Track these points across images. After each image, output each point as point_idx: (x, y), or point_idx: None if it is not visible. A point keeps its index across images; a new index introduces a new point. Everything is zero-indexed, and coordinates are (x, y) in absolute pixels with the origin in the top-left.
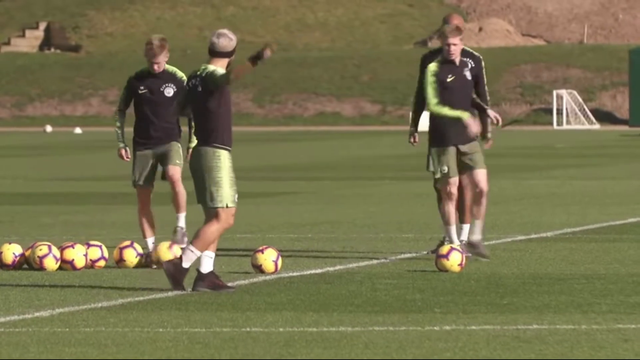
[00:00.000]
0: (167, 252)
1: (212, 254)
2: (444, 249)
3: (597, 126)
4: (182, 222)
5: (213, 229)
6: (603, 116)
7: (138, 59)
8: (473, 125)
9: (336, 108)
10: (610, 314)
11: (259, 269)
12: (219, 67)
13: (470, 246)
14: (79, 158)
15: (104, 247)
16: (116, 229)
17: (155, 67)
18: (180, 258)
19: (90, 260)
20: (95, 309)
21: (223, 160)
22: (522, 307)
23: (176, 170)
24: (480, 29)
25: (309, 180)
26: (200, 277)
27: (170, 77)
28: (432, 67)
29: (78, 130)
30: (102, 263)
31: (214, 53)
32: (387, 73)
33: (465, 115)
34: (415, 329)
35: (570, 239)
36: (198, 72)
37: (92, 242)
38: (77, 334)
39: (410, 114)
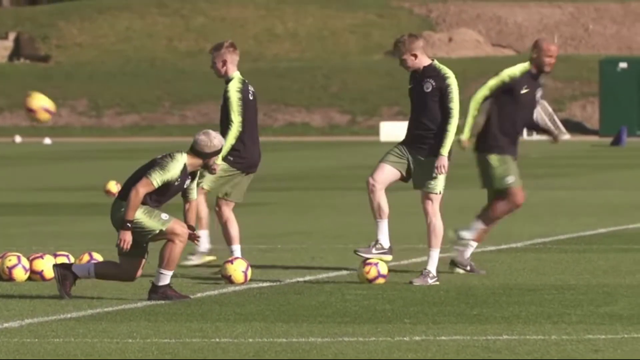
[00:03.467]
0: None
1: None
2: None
3: (567, 136)
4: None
5: (172, 248)
6: (573, 126)
7: (107, 69)
8: None
9: (305, 118)
10: (581, 324)
11: (228, 280)
12: (191, 162)
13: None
14: (48, 168)
15: (71, 257)
16: (85, 240)
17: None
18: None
19: None
20: (65, 319)
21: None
22: (491, 317)
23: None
24: (450, 40)
25: (279, 191)
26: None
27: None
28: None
29: (47, 140)
30: None
31: (191, 147)
32: (356, 83)
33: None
34: (385, 340)
35: (540, 250)
36: (169, 154)
37: (59, 252)
38: (46, 345)
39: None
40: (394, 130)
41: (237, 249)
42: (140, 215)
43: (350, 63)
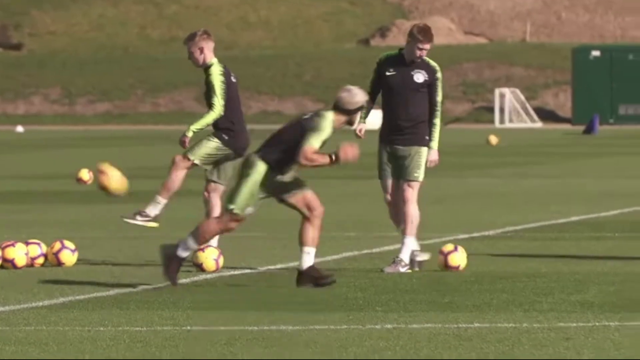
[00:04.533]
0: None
1: (312, 250)
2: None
3: (539, 124)
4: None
5: (213, 226)
6: (546, 114)
7: (80, 58)
8: None
9: (278, 107)
10: (552, 312)
11: (200, 268)
12: (337, 119)
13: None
14: (20, 156)
15: (42, 244)
16: (58, 228)
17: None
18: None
19: (30, 257)
20: (36, 307)
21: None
22: (463, 305)
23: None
24: None
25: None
26: (301, 274)
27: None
28: None
29: (20, 128)
30: (41, 260)
31: (334, 105)
32: (329, 71)
33: None
34: (357, 328)
35: (512, 238)
36: (316, 113)
37: (30, 240)
38: (17, 333)
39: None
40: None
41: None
42: (252, 186)
43: (323, 51)
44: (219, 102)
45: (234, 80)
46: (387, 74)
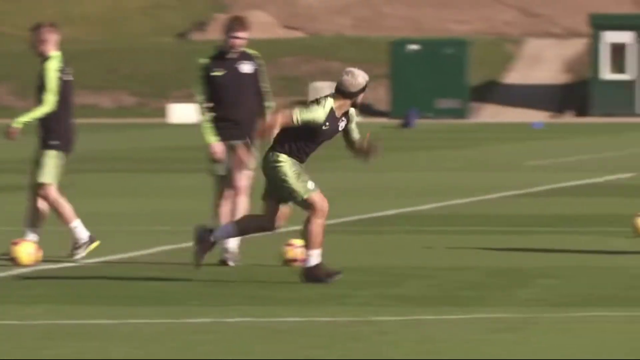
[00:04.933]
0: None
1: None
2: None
3: (358, 118)
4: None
5: (309, 228)
6: (363, 108)
7: None
8: None
9: (95, 100)
10: (368, 306)
11: (15, 262)
12: (338, 105)
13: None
14: None
15: None
16: None
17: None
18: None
19: None
20: None
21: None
22: (280, 299)
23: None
24: None
25: (68, 173)
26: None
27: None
28: None
29: None
30: None
31: (336, 89)
32: (147, 65)
33: None
34: (173, 322)
35: (327, 231)
36: (317, 99)
37: None
38: None
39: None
40: (183, 112)
41: (30, 232)
42: (291, 173)
43: (141, 45)
44: (51, 98)
45: (68, 78)
46: (214, 74)
